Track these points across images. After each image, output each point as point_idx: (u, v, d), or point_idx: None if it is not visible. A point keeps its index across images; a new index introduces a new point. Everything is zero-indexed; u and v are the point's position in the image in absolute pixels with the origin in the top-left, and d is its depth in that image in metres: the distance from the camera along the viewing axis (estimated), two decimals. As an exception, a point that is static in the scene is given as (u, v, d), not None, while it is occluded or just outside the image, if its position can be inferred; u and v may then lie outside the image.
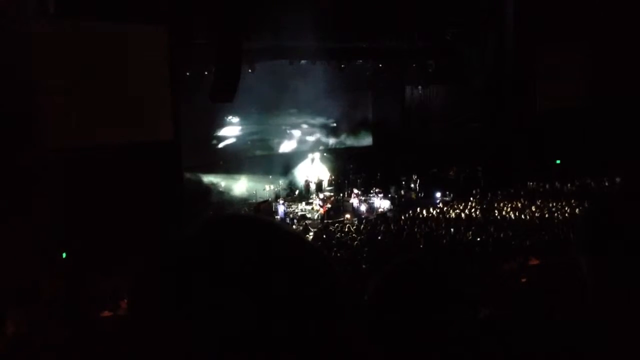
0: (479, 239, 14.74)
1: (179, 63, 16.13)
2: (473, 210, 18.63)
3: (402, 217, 18.52)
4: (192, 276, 0.82)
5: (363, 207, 20.44)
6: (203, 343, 0.79)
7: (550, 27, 20.02)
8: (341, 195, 21.88)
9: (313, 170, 23.63)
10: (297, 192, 22.37)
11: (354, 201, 20.74)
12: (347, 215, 19.82)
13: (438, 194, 21.84)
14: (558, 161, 21.59)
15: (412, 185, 22.39)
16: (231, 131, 23.27)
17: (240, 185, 21.96)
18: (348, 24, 19.24)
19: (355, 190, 21.41)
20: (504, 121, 21.15)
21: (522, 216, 17.47)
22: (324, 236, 16.20)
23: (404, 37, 20.78)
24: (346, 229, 17.32)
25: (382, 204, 20.70)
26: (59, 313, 8.67)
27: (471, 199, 20.20)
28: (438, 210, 19.15)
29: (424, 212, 18.95)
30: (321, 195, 21.44)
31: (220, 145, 23.10)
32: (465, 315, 1.41)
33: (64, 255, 12.31)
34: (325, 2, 18.14)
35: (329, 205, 20.39)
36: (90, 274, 11.03)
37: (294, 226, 18.30)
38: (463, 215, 18.21)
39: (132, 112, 14.14)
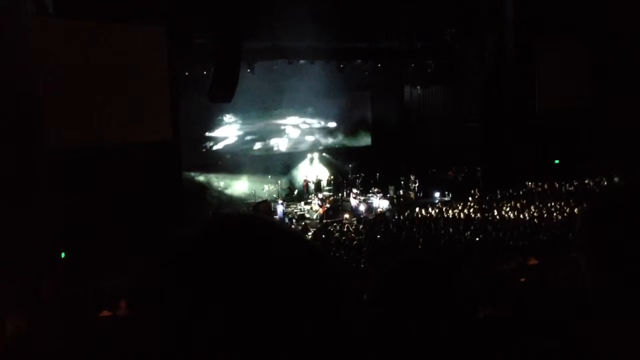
0: (478, 239, 14.74)
1: (178, 63, 16.13)
2: (472, 210, 18.61)
3: (401, 217, 18.50)
4: (192, 276, 0.82)
5: (362, 207, 20.41)
6: (203, 342, 0.79)
7: (550, 27, 20.02)
8: (340, 195, 21.87)
9: (312, 170, 23.62)
10: (296, 192, 22.35)
11: (353, 201, 20.72)
12: (346, 215, 19.80)
13: (437, 194, 21.82)
14: (557, 161, 21.59)
15: (411, 185, 22.36)
16: (230, 131, 23.25)
17: (239, 185, 21.94)
18: (347, 24, 19.20)
19: (354, 190, 21.38)
20: (504, 121, 21.13)
21: (521, 216, 17.46)
22: (323, 236, 16.18)
23: (403, 37, 20.75)
24: (345, 229, 17.30)
25: (381, 203, 20.67)
26: (59, 313, 8.67)
27: (470, 199, 20.19)
28: (437, 211, 19.12)
29: (423, 212, 18.94)
30: (320, 195, 21.42)
31: (219, 145, 23.09)
32: (465, 315, 1.41)
33: (64, 255, 12.29)
34: (325, 2, 18.12)
35: (327, 205, 20.37)
36: (90, 274, 11.02)
37: (292, 226, 18.29)
38: (462, 215, 18.20)
39: (131, 112, 14.14)
